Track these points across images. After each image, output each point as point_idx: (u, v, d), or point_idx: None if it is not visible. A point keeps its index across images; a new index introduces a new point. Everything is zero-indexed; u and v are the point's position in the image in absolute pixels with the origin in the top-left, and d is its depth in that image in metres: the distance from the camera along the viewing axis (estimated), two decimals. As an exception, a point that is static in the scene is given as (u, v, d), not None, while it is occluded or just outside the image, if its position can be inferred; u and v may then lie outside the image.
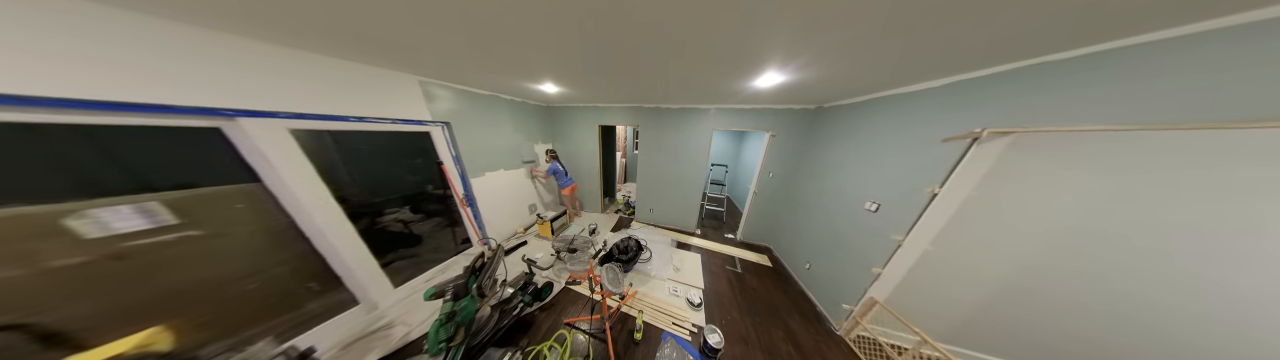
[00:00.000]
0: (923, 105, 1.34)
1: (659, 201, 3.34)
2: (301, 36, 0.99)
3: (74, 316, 0.80)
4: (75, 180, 0.80)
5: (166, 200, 0.93)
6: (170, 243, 0.94)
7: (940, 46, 0.88)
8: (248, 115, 1.07)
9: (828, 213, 1.97)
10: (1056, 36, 0.78)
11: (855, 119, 1.83)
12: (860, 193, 1.67)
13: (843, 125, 1.96)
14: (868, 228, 1.56)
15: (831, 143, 2.07)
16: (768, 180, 2.74)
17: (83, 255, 0.80)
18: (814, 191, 2.22)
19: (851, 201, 1.73)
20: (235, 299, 1.13)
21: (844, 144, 1.92)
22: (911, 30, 0.77)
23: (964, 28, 0.74)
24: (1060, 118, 0.90)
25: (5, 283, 0.72)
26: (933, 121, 1.28)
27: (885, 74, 1.24)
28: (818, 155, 2.25)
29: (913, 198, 1.30)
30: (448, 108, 1.93)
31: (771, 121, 2.47)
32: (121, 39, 0.80)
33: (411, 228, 1.96)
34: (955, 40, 0.83)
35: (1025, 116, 0.98)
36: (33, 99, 0.71)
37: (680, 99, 2.36)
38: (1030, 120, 0.96)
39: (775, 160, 2.62)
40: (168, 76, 0.88)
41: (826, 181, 2.07)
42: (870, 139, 1.67)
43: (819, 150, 2.24)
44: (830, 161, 2.06)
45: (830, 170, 2.04)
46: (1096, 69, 0.82)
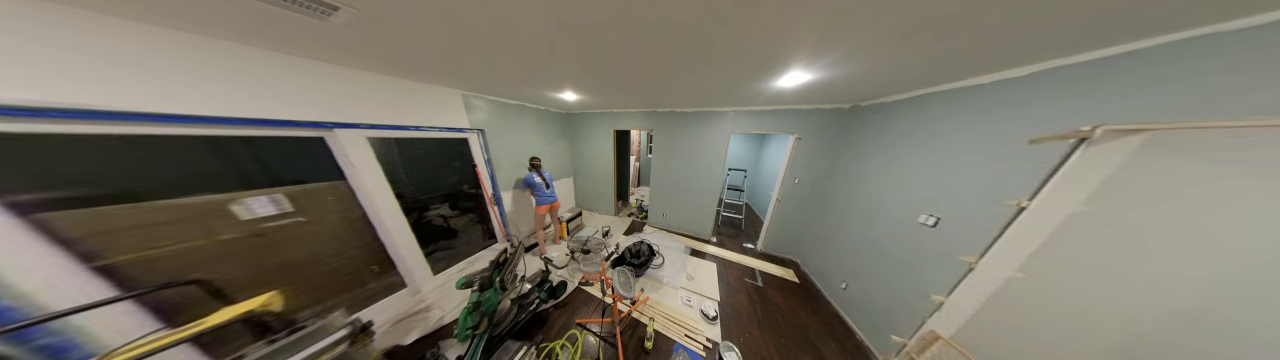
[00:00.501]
0: (997, 99, 1.12)
1: (672, 206, 3.32)
2: (388, 64, 1.29)
3: (228, 278, 1.09)
4: (238, 176, 1.11)
5: (287, 193, 1.23)
6: (286, 226, 1.24)
7: (1027, 29, 0.72)
8: (341, 127, 1.38)
9: (869, 225, 1.76)
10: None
11: (902, 118, 1.60)
12: (911, 203, 1.45)
13: (885, 125, 1.74)
14: (923, 245, 1.34)
15: (872, 145, 1.85)
16: (792, 187, 2.56)
17: (238, 232, 1.10)
18: (850, 200, 2.00)
19: (900, 213, 1.51)
20: (322, 274, 1.41)
21: (888, 146, 1.69)
22: (977, 17, 0.65)
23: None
24: (1214, 109, 0.67)
25: (193, 249, 1.02)
26: (1012, 119, 1.06)
27: (944, 65, 1.06)
28: (854, 159, 2.03)
29: (987, 212, 1.08)
30: (483, 117, 2.24)
31: (797, 123, 2.32)
32: (273, 73, 1.11)
33: (449, 222, 2.25)
34: (1050, 19, 0.67)
35: (1159, 109, 0.75)
36: (217, 118, 1.02)
37: (696, 103, 2.37)
38: (1164, 114, 0.74)
39: (801, 165, 2.45)
40: (297, 99, 1.19)
41: (866, 189, 1.85)
42: (924, 140, 1.43)
43: (855, 154, 2.02)
44: (871, 167, 1.84)
45: (871, 176, 1.82)
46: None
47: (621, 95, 2.10)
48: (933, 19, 0.69)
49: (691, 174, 3.04)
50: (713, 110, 2.65)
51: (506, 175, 2.60)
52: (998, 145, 1.10)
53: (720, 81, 1.49)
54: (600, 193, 3.85)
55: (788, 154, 2.49)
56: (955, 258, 1.17)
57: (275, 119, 1.14)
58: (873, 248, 1.69)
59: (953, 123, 1.30)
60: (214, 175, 1.07)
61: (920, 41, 0.84)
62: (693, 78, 1.39)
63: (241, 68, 1.04)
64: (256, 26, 0.84)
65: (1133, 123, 0.77)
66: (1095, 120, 0.84)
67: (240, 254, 1.12)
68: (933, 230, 1.30)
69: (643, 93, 1.93)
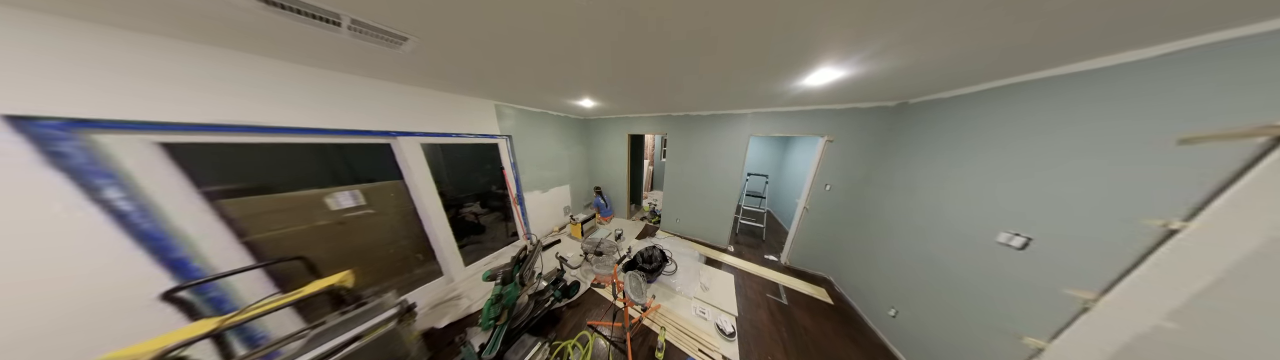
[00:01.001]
0: (1120, 89, 0.88)
1: (686, 211, 3.28)
2: (438, 80, 1.58)
3: (318, 257, 1.37)
4: (330, 175, 1.41)
5: (362, 189, 1.53)
6: (359, 216, 1.53)
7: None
8: (402, 135, 1.68)
9: (923, 239, 1.52)
10: None
11: (969, 115, 1.36)
12: (986, 217, 1.20)
13: (944, 125, 1.50)
14: (1005, 271, 1.11)
15: (926, 148, 1.59)
16: (823, 194, 2.36)
17: (328, 220, 1.39)
18: (898, 211, 1.75)
19: (969, 229, 1.27)
20: (381, 259, 1.70)
21: (948, 149, 1.44)
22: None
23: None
24: None
25: (299, 232, 1.31)
26: (1146, 113, 0.83)
27: (1034, 49, 0.87)
28: (902, 164, 1.78)
29: (1112, 233, 0.86)
30: (511, 124, 2.53)
31: (828, 124, 2.15)
32: (363, 94, 1.42)
33: (479, 219, 2.53)
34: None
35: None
36: (325, 130, 1.32)
37: (712, 105, 2.34)
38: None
39: (834, 170, 2.25)
40: (375, 113, 1.50)
41: (919, 198, 1.59)
42: (1002, 142, 1.20)
43: (904, 158, 1.77)
44: (925, 173, 1.58)
45: (925, 183, 1.57)
46: None
47: (636, 101, 2.21)
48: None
49: (707, 179, 2.99)
50: (730, 113, 2.60)
51: (529, 177, 2.88)
52: (1125, 146, 0.86)
53: (739, 83, 1.44)
54: (614, 196, 4.02)
55: (817, 158, 2.30)
56: (1060, 292, 0.93)
57: (361, 129, 1.44)
58: (931, 268, 1.43)
59: (1048, 119, 1.06)
60: (316, 174, 1.37)
61: (994, 21, 0.68)
62: (708, 80, 1.40)
63: (343, 90, 1.34)
64: (353, 58, 1.12)
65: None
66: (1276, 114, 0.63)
67: (328, 238, 1.41)
68: (1020, 253, 1.06)
69: (657, 97, 2.01)
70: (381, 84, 1.50)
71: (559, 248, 3.05)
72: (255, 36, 0.88)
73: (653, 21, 0.73)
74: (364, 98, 1.44)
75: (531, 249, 1.67)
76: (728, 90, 1.64)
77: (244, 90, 1.07)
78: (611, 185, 3.94)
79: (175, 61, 0.92)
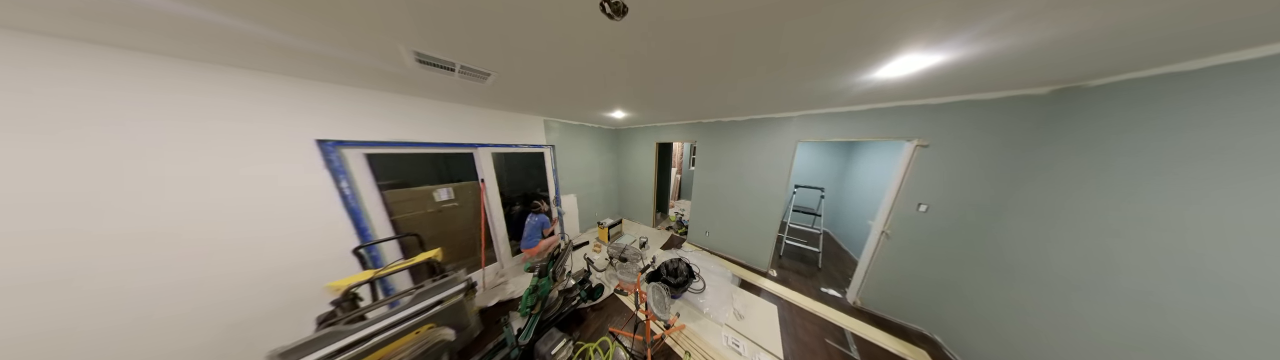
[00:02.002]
0: None
1: (717, 225, 3.16)
2: (505, 102, 2.16)
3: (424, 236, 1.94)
4: (437, 175, 2.02)
5: (453, 186, 2.11)
6: (449, 207, 2.11)
7: None
8: (480, 146, 2.28)
9: (1162, 313, 0.96)
10: None
11: (1231, 102, 0.87)
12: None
13: (1168, 118, 0.99)
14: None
15: (1134, 157, 1.05)
16: (915, 217, 1.82)
17: (432, 208, 1.97)
18: (1077, 254, 1.17)
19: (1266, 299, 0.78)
20: (458, 243, 2.25)
21: (1193, 159, 0.93)
22: None
23: None
24: None
25: (415, 216, 1.89)
26: None
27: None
28: (1076, 181, 1.21)
29: None
30: (555, 135, 3.11)
31: (918, 124, 1.70)
32: (462, 117, 2.03)
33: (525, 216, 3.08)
34: None
35: None
36: (443, 143, 1.93)
37: (748, 110, 2.22)
38: None
39: (931, 185, 1.73)
40: (466, 130, 2.10)
41: (1132, 237, 1.04)
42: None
43: (1076, 171, 1.21)
44: (1138, 196, 1.03)
45: (1141, 213, 1.02)
46: None
47: (666, 110, 2.31)
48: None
49: (742, 190, 2.81)
50: (769, 117, 2.44)
51: (566, 182, 3.42)
52: None
53: (783, 83, 1.30)
54: (640, 203, 4.26)
55: (902, 169, 1.81)
56: None
57: (457, 142, 2.04)
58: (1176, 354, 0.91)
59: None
60: (429, 175, 1.97)
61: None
62: (743, 87, 1.38)
63: (447, 114, 1.94)
64: (456, 91, 1.63)
65: None
66: None
67: (431, 222, 1.99)
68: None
69: (687, 106, 2.06)
70: (468, 108, 2.11)
71: (586, 249, 3.35)
72: (409, 83, 1.42)
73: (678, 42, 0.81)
74: (458, 119, 2.04)
75: (563, 248, 1.93)
76: (768, 93, 1.51)
77: (400, 118, 1.68)
78: (639, 193, 4.18)
79: (370, 103, 1.53)
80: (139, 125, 0.99)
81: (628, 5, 0.62)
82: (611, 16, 0.65)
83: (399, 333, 1.05)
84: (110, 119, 0.94)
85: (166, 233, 1.07)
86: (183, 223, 1.09)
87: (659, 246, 3.45)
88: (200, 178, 1.11)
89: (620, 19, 0.66)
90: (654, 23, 0.70)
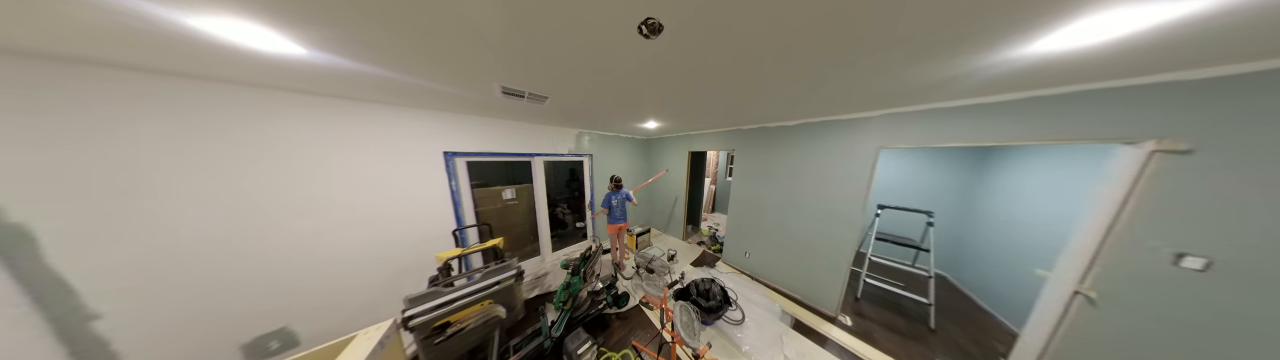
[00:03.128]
0: None
1: (761, 248, 2.79)
2: (554, 119, 2.79)
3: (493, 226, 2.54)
4: (505, 178, 2.66)
5: (515, 188, 2.73)
6: (511, 205, 2.71)
7: None
8: (536, 155, 2.91)
9: None
10: None
11: None
12: None
13: None
14: None
15: None
16: (1167, 275, 1.10)
17: (500, 205, 2.58)
18: None
19: None
20: (514, 235, 2.82)
21: None
22: None
23: None
24: None
25: (488, 211, 2.50)
26: None
27: None
28: None
29: None
30: (592, 146, 3.70)
31: (1154, 117, 1.10)
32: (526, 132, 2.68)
33: (564, 218, 3.63)
34: None
35: None
36: (514, 153, 2.56)
37: (805, 112, 1.97)
38: None
39: (1208, 221, 1.04)
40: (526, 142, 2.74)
41: None
42: None
43: None
44: None
45: None
46: None
47: (700, 118, 2.35)
48: None
49: (793, 207, 2.42)
50: (834, 119, 2.04)
51: (600, 189, 3.97)
52: None
53: (855, 77, 1.11)
54: (670, 214, 4.29)
55: (1120, 190, 1.17)
56: None
57: (520, 152, 2.67)
58: None
59: None
60: (501, 177, 2.61)
61: None
62: (799, 85, 1.27)
63: (515, 130, 2.58)
64: (521, 111, 2.18)
65: None
66: None
67: (497, 215, 2.58)
68: None
69: (724, 112, 2.04)
70: (530, 124, 2.75)
71: (615, 254, 3.79)
72: (493, 108, 1.95)
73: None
74: (522, 133, 2.67)
75: (594, 250, 2.13)
76: (840, 89, 1.28)
77: (487, 134, 2.32)
78: (669, 204, 4.26)
79: (469, 124, 2.17)
80: (365, 148, 1.68)
81: (663, 24, 0.68)
82: (648, 36, 0.72)
83: (470, 301, 1.40)
84: (351, 144, 1.63)
85: (369, 212, 1.75)
86: (376, 206, 1.77)
87: (689, 262, 3.30)
88: (383, 176, 1.78)
89: (656, 37, 0.73)
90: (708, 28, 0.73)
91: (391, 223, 1.85)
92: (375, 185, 1.75)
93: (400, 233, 1.90)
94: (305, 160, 1.49)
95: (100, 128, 1.07)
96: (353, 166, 1.65)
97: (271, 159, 1.39)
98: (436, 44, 0.86)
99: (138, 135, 1.12)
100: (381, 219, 1.80)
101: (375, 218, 1.78)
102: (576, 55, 0.94)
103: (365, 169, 1.70)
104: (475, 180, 2.32)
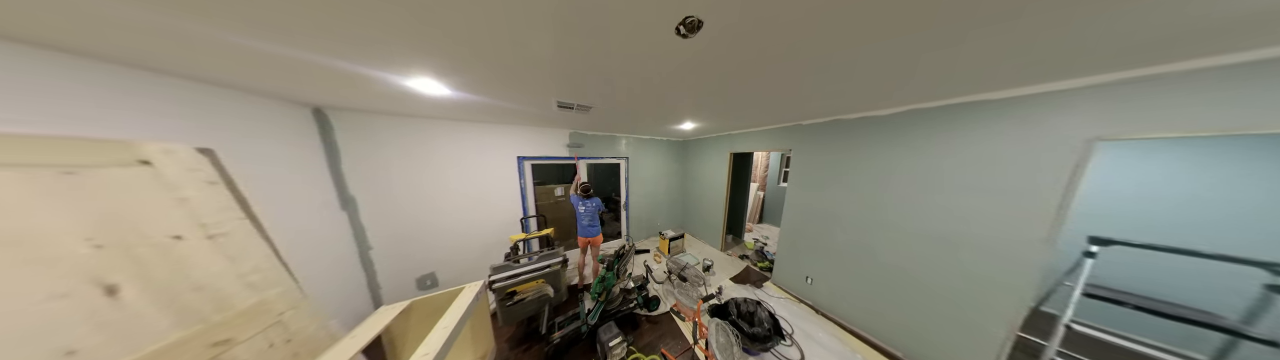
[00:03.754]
0: None
1: (829, 272, 2.25)
2: (596, 125, 3.26)
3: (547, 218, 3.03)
4: (557, 177, 3.19)
5: (563, 186, 3.24)
6: (558, 201, 3.22)
7: None
8: (581, 159, 3.40)
9: None
10: None
11: None
12: None
13: None
14: None
15: None
16: None
17: (551, 200, 3.12)
18: None
19: None
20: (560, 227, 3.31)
21: None
22: None
23: None
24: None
25: (544, 205, 3.03)
26: None
27: None
28: None
29: None
30: (629, 149, 4.13)
31: None
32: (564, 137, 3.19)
33: (603, 216, 4.07)
34: None
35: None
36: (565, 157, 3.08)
37: (924, 93, 1.40)
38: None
39: None
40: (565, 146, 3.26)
41: None
42: None
43: None
44: None
45: None
46: None
47: (747, 115, 2.13)
48: None
49: (888, 227, 1.84)
50: (985, 99, 1.39)
51: (635, 190, 4.36)
52: None
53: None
54: (707, 221, 4.05)
55: None
56: None
57: (566, 155, 3.17)
58: None
59: None
60: (553, 177, 3.14)
61: None
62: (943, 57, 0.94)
63: (560, 137, 3.12)
64: (569, 120, 2.67)
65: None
66: None
67: (549, 209, 3.10)
68: None
69: (784, 105, 1.73)
70: (576, 131, 3.25)
71: (647, 256, 3.76)
72: (547, 119, 2.44)
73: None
74: (567, 139, 3.19)
75: (628, 249, 2.37)
76: (987, 50, 0.89)
77: (543, 141, 2.86)
78: (706, 210, 4.04)
79: (530, 133, 2.73)
80: (474, 154, 2.40)
81: (702, 20, 0.69)
82: (685, 35, 0.74)
83: (529, 277, 1.83)
84: (467, 152, 2.32)
85: (476, 200, 2.50)
86: (479, 196, 2.49)
87: (728, 277, 3.02)
88: (483, 174, 2.48)
89: (694, 35, 0.74)
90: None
91: (486, 209, 2.61)
92: (478, 181, 2.50)
93: (490, 216, 2.65)
94: (446, 164, 2.35)
95: (375, 149, 2.02)
96: (468, 167, 2.41)
97: (435, 166, 2.30)
98: (514, 73, 1.15)
99: (388, 154, 2.07)
100: (483, 205, 2.56)
101: (479, 203, 2.56)
102: (612, 62, 1.02)
103: (474, 169, 2.44)
104: (536, 179, 2.84)
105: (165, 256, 0.88)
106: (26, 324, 0.69)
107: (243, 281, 1.05)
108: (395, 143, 2.08)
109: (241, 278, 1.05)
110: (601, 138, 3.55)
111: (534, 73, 1.14)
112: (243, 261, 1.07)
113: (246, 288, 1.05)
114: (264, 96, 1.43)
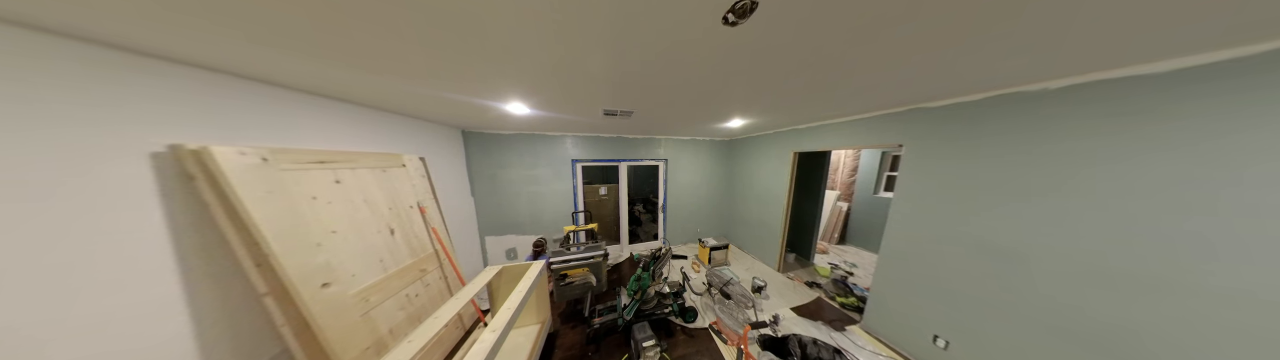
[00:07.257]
0: None
1: (981, 337, 1.64)
2: (637, 128, 4.02)
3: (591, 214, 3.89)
4: (601, 178, 4.02)
5: (607, 186, 4.03)
6: (602, 199, 4.02)
7: None
8: (621, 161, 4.18)
9: None
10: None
11: None
12: None
13: None
14: None
15: None
16: None
17: (596, 198, 3.91)
18: None
19: None
20: (602, 224, 4.10)
21: None
22: None
23: None
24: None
25: (590, 202, 3.82)
26: None
27: None
28: None
29: None
30: (669, 151, 4.79)
31: None
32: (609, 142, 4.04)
33: (640, 217, 4.85)
34: None
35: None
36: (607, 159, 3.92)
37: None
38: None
39: None
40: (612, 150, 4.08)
41: None
42: None
43: None
44: None
45: None
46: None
47: (833, 100, 1.74)
48: None
49: (1167, 289, 1.11)
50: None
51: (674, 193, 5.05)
52: None
53: None
54: (759, 235, 3.68)
55: None
56: None
57: (609, 158, 3.93)
58: None
59: None
60: (599, 178, 3.98)
61: None
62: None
63: (607, 141, 3.92)
64: (612, 125, 3.33)
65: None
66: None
67: (594, 207, 3.88)
68: None
69: (902, 80, 1.31)
70: (615, 135, 4.03)
71: (684, 263, 3.91)
72: (593, 125, 3.11)
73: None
74: (609, 143, 3.98)
75: (663, 252, 2.62)
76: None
77: (589, 145, 3.63)
78: (758, 223, 3.68)
79: (579, 138, 3.51)
80: (545, 158, 3.32)
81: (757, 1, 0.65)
82: (734, 23, 0.77)
83: (577, 265, 2.22)
84: (542, 157, 3.20)
85: (546, 192, 3.38)
86: (547, 190, 3.36)
87: (789, 305, 2.78)
88: (552, 173, 3.39)
89: (745, 20, 0.75)
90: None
91: (550, 199, 3.49)
92: (548, 178, 3.39)
93: (554, 207, 3.54)
94: (524, 165, 3.32)
95: (484, 156, 2.72)
96: (544, 168, 3.35)
97: (520, 173, 3.23)
98: (571, 89, 1.48)
99: (495, 160, 3.00)
100: (553, 195, 3.48)
101: (548, 194, 3.51)
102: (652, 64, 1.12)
103: (545, 169, 3.34)
104: (585, 179, 3.71)
105: (407, 217, 1.82)
106: (370, 245, 1.61)
107: (429, 237, 1.97)
108: (496, 152, 3.18)
109: (428, 235, 1.98)
110: (640, 141, 4.15)
111: (583, 85, 1.42)
112: (431, 225, 2.00)
113: (430, 241, 1.98)
114: (440, 124, 2.55)
